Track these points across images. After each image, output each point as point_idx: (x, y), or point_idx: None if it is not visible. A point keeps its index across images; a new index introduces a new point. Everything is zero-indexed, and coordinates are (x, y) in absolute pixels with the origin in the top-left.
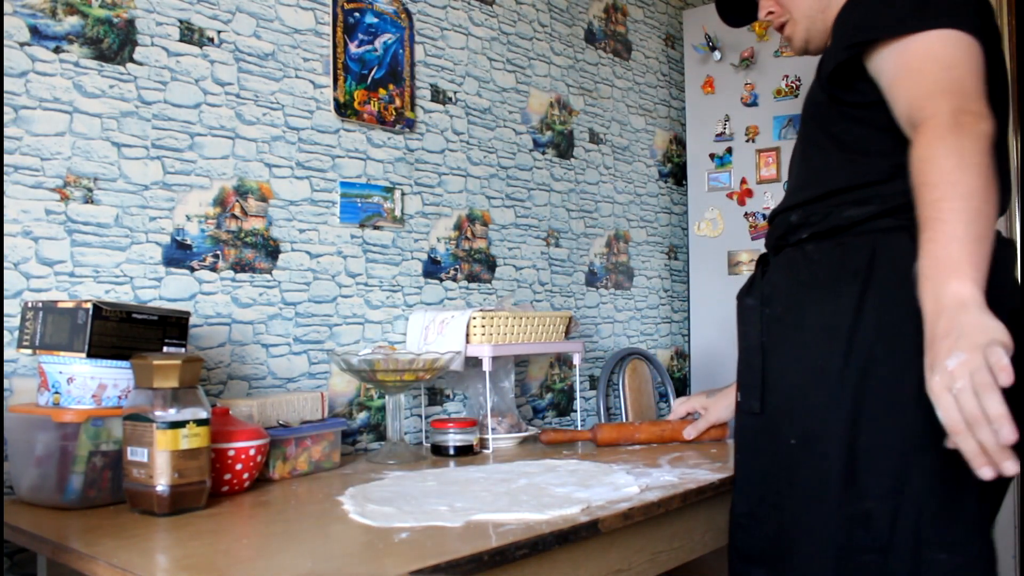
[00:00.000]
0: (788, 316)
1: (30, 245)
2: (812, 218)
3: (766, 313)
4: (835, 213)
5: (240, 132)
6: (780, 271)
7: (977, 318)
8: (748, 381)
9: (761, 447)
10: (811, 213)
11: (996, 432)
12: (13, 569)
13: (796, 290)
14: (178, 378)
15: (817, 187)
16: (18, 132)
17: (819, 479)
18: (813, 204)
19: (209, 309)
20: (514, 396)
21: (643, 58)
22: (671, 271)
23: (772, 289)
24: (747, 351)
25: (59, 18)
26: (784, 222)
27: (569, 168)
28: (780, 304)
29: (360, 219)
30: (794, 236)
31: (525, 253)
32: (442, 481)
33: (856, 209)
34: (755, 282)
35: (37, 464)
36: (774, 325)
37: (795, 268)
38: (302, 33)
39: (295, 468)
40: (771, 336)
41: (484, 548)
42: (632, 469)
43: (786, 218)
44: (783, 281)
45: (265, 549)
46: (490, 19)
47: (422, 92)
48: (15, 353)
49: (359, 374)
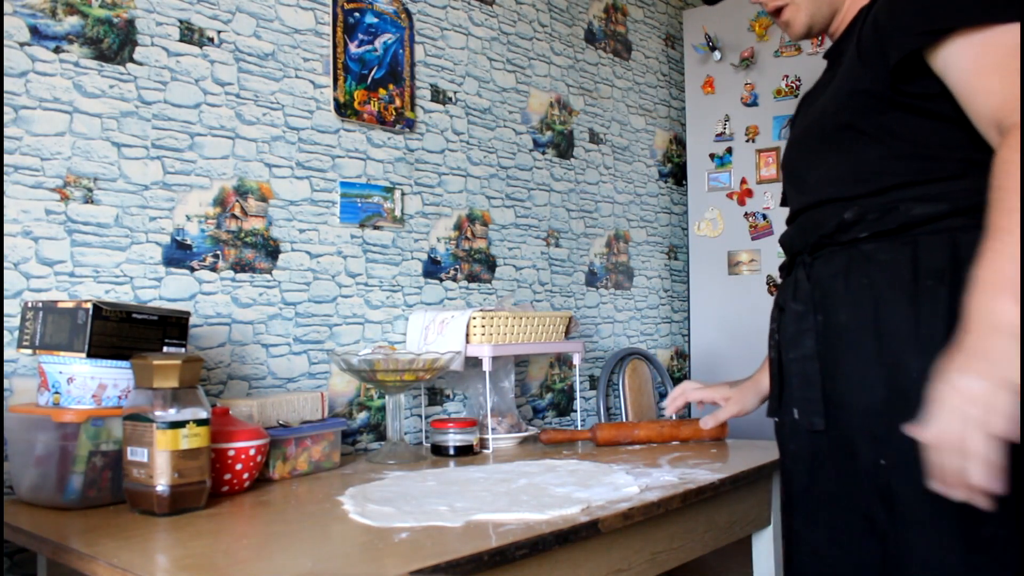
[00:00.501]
0: (856, 323)
1: (30, 245)
2: (870, 215)
3: (820, 320)
4: (900, 209)
5: (240, 132)
6: (834, 273)
7: (1011, 350)
8: (805, 395)
9: (833, 468)
10: (867, 209)
11: (975, 472)
12: (13, 569)
13: (862, 294)
14: (178, 378)
15: (871, 181)
16: (18, 132)
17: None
18: (868, 199)
19: (209, 309)
20: (514, 396)
21: (643, 58)
22: (671, 271)
23: (825, 293)
24: (799, 362)
25: (59, 18)
26: (830, 218)
27: (569, 168)
28: (843, 310)
29: (360, 219)
30: (846, 234)
31: (525, 253)
32: (442, 481)
33: (926, 206)
34: (799, 285)
35: (37, 464)
36: (837, 333)
37: (855, 269)
38: (302, 33)
39: (295, 468)
40: (832, 346)
41: (484, 548)
42: (632, 469)
43: (832, 213)
44: (839, 284)
45: (265, 549)
46: (490, 19)
47: (422, 92)
48: (15, 353)
49: (359, 374)
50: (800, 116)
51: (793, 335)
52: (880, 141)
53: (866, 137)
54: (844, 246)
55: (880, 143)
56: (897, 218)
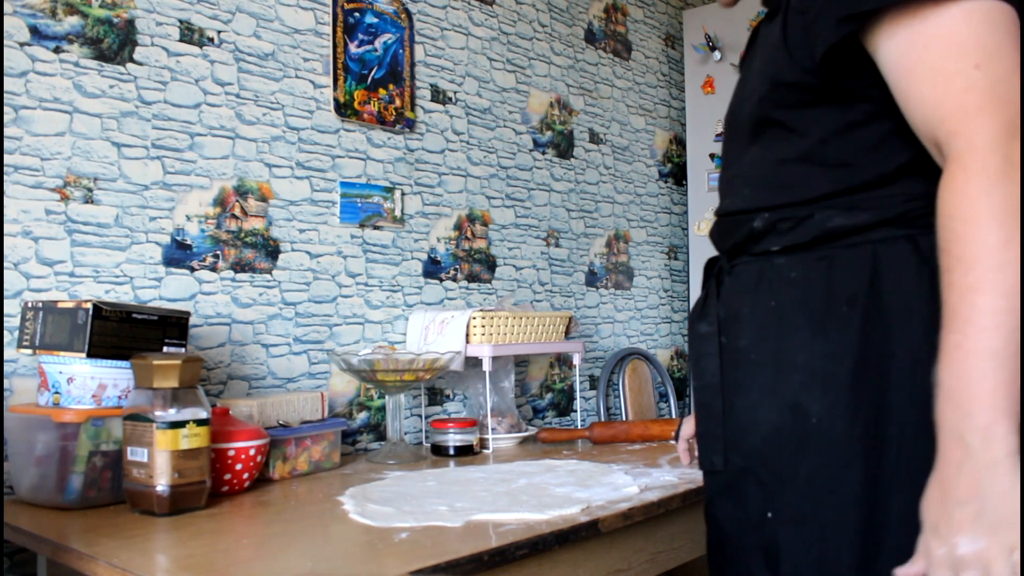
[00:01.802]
0: (756, 351)
1: (30, 245)
2: (782, 224)
3: (723, 343)
4: (816, 219)
5: (240, 132)
6: (740, 289)
7: (1009, 490)
8: (707, 430)
9: (723, 516)
10: (780, 218)
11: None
12: (13, 569)
13: (767, 317)
14: (178, 378)
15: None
16: (18, 132)
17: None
18: (783, 208)
19: (209, 309)
20: (514, 396)
21: (643, 58)
22: (671, 271)
23: (730, 312)
24: (703, 391)
25: (59, 18)
26: (741, 226)
27: (569, 168)
28: (744, 334)
29: (360, 219)
30: (758, 245)
31: (525, 253)
32: (442, 481)
33: (846, 217)
34: (708, 301)
35: (37, 464)
36: (736, 360)
37: (763, 287)
38: (302, 33)
39: (295, 468)
40: (732, 375)
41: (484, 548)
42: (632, 469)
43: (744, 222)
44: (745, 303)
45: (265, 549)
46: (490, 19)
47: (422, 92)
48: (15, 353)
49: (359, 374)
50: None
51: (696, 359)
52: (803, 139)
53: (789, 134)
54: (756, 257)
55: (802, 141)
56: (812, 230)
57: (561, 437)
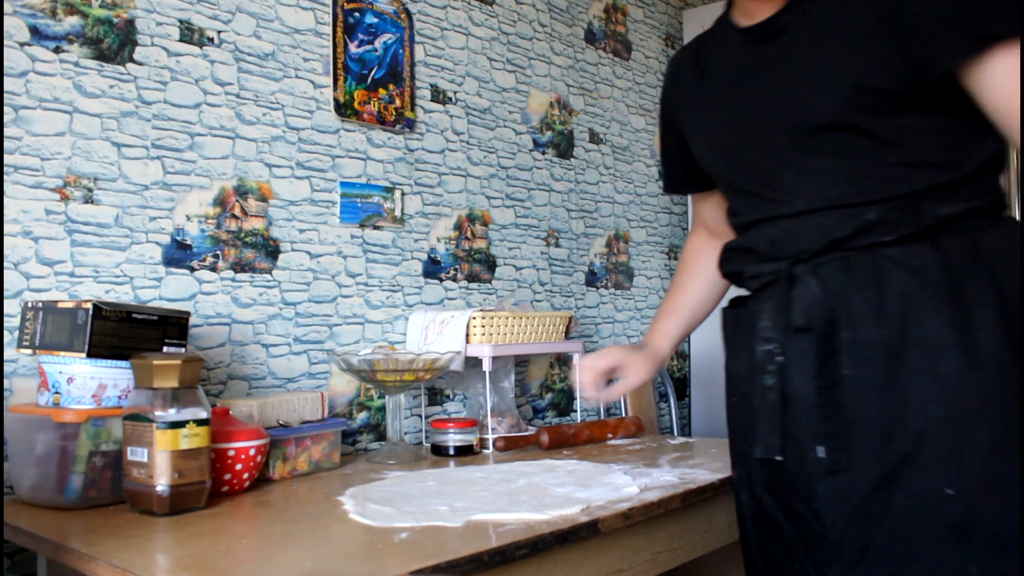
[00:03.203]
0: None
1: (30, 245)
2: (892, 216)
3: (845, 338)
4: (923, 209)
5: (240, 132)
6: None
7: None
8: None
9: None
10: (889, 211)
11: None
12: (13, 569)
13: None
14: (178, 378)
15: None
16: (18, 132)
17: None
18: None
19: (209, 309)
20: (514, 396)
21: (643, 58)
22: (671, 271)
23: (847, 307)
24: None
25: (59, 18)
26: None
27: (569, 168)
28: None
29: (360, 219)
30: (866, 238)
31: (525, 253)
32: (442, 481)
33: (949, 207)
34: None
35: (37, 464)
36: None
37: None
38: (302, 33)
39: (295, 468)
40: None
41: (484, 548)
42: (631, 469)
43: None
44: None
45: (265, 549)
46: (490, 19)
47: (422, 92)
48: (15, 353)
49: (359, 374)
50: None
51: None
52: (892, 145)
53: (875, 142)
54: (862, 251)
55: (893, 148)
56: (922, 219)
57: (518, 444)
